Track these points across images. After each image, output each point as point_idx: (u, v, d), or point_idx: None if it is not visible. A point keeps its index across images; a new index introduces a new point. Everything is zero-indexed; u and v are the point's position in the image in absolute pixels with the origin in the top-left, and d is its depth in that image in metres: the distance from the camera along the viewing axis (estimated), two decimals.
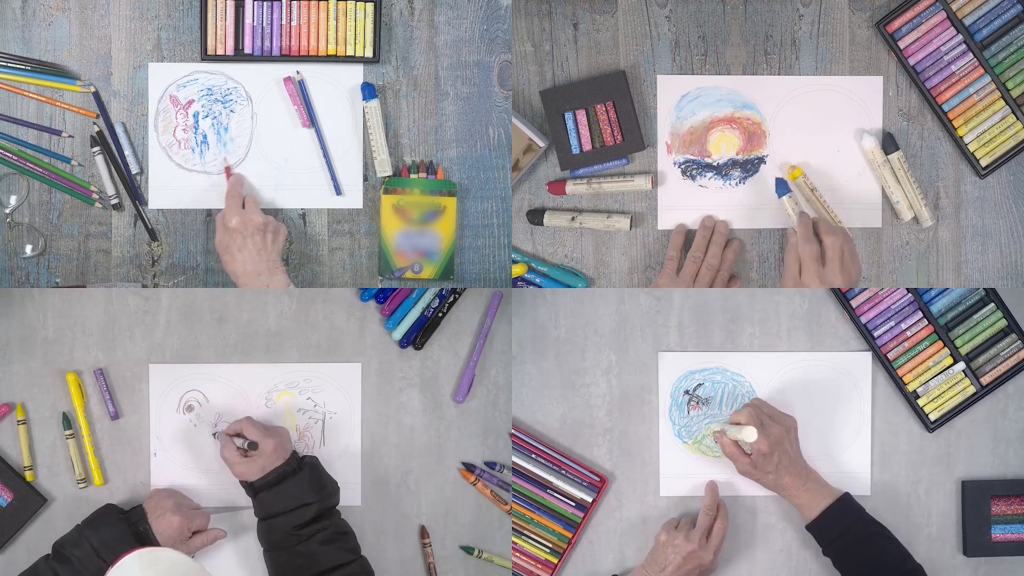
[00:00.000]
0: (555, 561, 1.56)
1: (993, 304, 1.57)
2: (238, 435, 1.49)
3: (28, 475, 1.53)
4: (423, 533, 1.57)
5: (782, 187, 1.57)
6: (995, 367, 1.58)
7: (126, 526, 1.43)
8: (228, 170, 1.59)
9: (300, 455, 1.50)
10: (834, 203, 1.60)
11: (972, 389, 1.58)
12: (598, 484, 1.56)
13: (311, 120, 1.60)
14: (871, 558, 1.46)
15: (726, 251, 1.58)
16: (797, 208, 1.55)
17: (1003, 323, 1.57)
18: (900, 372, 1.58)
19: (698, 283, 1.55)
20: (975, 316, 1.57)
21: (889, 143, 1.58)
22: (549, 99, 1.58)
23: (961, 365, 1.57)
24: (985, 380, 1.58)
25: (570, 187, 1.59)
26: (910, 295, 1.57)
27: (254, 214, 1.51)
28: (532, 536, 1.57)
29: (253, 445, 1.47)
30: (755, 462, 1.48)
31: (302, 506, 1.44)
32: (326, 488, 1.48)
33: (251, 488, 1.46)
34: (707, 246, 1.57)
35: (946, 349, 1.58)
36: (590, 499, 1.56)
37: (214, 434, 1.55)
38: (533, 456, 1.57)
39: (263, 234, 1.51)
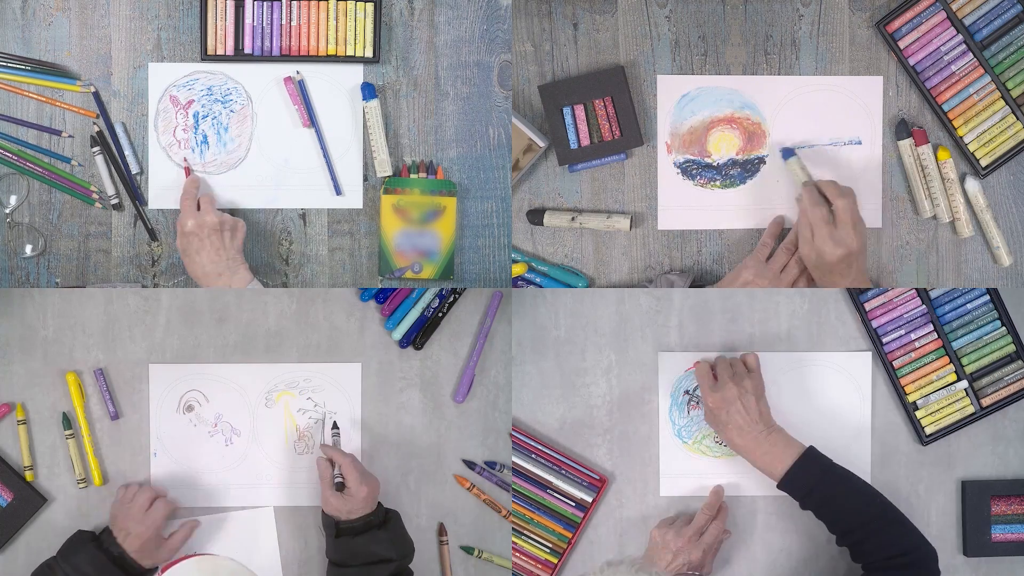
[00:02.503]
0: (555, 561, 1.56)
1: (1004, 328, 1.56)
2: (333, 465, 1.48)
3: (28, 475, 1.54)
4: (440, 531, 1.57)
5: (787, 152, 1.58)
6: (997, 391, 1.57)
7: (99, 550, 1.42)
8: (188, 170, 1.59)
9: (384, 507, 1.49)
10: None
11: (971, 409, 1.57)
12: (598, 484, 1.56)
13: (311, 120, 1.60)
14: (848, 507, 1.42)
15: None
16: (804, 171, 1.55)
17: (1011, 348, 1.57)
18: (903, 381, 1.57)
19: (785, 276, 1.52)
20: (985, 337, 1.57)
21: (902, 129, 1.58)
22: (547, 94, 1.58)
23: (964, 384, 1.57)
24: (985, 402, 1.57)
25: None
26: (924, 306, 1.57)
27: (208, 215, 1.50)
28: (532, 536, 1.57)
29: (340, 486, 1.46)
30: (709, 408, 1.47)
31: (381, 562, 1.43)
32: (406, 546, 1.48)
33: (334, 527, 1.45)
34: (795, 248, 1.53)
35: (951, 365, 1.57)
36: (590, 499, 1.56)
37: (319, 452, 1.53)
38: (533, 456, 1.56)
39: (219, 234, 1.50)
